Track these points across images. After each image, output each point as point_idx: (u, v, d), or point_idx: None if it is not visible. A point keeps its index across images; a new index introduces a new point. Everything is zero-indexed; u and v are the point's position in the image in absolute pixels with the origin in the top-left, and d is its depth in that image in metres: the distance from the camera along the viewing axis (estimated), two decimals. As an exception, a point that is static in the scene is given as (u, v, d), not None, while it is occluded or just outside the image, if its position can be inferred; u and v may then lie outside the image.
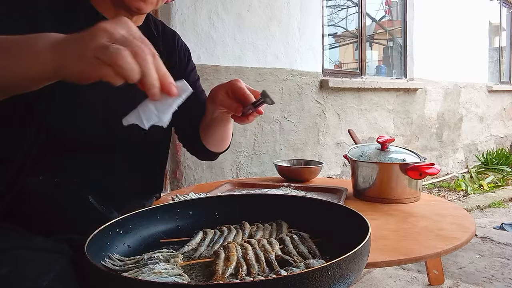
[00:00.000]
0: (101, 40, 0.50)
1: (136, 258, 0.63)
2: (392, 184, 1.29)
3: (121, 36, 0.52)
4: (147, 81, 0.52)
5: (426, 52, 4.55)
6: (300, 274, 0.45)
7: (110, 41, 0.51)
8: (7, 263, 0.67)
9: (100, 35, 0.51)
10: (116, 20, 0.53)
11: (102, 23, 0.53)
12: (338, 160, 3.47)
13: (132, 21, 0.87)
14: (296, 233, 0.70)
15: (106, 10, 0.85)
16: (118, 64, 0.49)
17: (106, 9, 0.85)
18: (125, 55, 0.50)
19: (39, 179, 0.79)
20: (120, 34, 0.52)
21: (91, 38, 0.51)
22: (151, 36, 0.95)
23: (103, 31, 0.51)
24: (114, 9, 0.85)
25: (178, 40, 1.05)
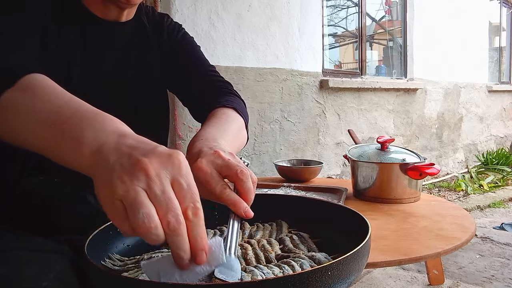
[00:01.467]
0: (137, 189, 0.42)
1: (136, 258, 0.63)
2: (392, 184, 1.29)
3: (160, 191, 0.43)
4: (173, 250, 0.44)
5: (426, 52, 4.54)
6: (300, 274, 0.45)
7: (147, 189, 0.42)
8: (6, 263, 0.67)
9: (139, 178, 0.42)
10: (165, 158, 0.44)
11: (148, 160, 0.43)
12: (338, 160, 3.47)
13: (123, 14, 0.87)
14: (296, 233, 0.70)
15: (95, 7, 0.84)
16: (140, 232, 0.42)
17: (95, 6, 0.84)
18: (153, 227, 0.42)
19: (39, 179, 0.79)
20: (161, 186, 0.43)
21: (129, 176, 0.42)
22: (143, 28, 0.94)
23: (145, 173, 0.42)
24: (102, 5, 0.84)
25: (167, 20, 1.01)
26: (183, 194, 0.44)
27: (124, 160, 0.44)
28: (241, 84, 2.63)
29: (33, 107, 0.54)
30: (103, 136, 0.47)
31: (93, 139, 0.47)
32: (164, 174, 0.44)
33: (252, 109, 2.75)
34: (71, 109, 0.52)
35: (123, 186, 0.42)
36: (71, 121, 0.50)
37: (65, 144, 0.49)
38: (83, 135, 0.48)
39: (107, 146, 0.46)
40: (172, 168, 0.44)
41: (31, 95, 0.55)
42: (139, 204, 0.41)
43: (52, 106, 0.53)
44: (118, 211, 0.42)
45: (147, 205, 0.42)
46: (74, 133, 0.48)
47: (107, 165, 0.44)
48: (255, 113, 2.79)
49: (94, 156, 0.46)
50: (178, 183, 0.44)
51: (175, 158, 0.45)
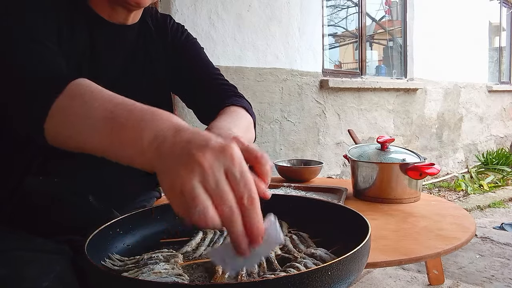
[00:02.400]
0: (192, 180, 0.44)
1: (136, 258, 0.63)
2: (392, 184, 1.29)
3: (215, 183, 0.45)
4: (230, 235, 0.47)
5: (426, 52, 4.55)
6: (300, 274, 0.45)
7: (202, 181, 0.44)
8: (7, 264, 0.67)
9: (195, 171, 0.44)
10: (219, 150, 0.46)
11: (202, 154, 0.45)
12: (338, 160, 3.47)
13: (130, 17, 0.87)
14: (296, 233, 0.70)
15: (102, 10, 0.84)
16: (199, 223, 0.44)
17: (102, 8, 0.84)
18: (210, 218, 0.44)
19: (39, 179, 0.79)
20: (215, 178, 0.45)
21: (186, 169, 0.44)
22: (147, 31, 0.94)
23: (198, 165, 0.44)
24: (109, 7, 0.84)
25: (170, 21, 1.01)
26: (237, 184, 0.46)
27: (180, 153, 0.46)
28: (241, 84, 2.63)
29: (86, 116, 0.54)
30: (160, 135, 0.49)
31: (153, 138, 0.49)
32: (218, 166, 0.45)
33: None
34: (125, 110, 0.53)
35: (180, 180, 0.44)
36: (126, 126, 0.52)
37: (126, 149, 0.51)
38: (143, 136, 0.49)
39: (166, 142, 0.48)
40: (225, 160, 0.46)
41: (82, 103, 0.56)
42: (195, 200, 0.44)
43: (105, 111, 0.54)
44: (180, 201, 0.45)
45: (202, 201, 0.44)
46: (132, 138, 0.50)
47: (165, 161, 0.46)
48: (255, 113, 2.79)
49: (154, 154, 0.48)
50: (232, 173, 0.46)
51: (228, 150, 0.46)
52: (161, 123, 0.50)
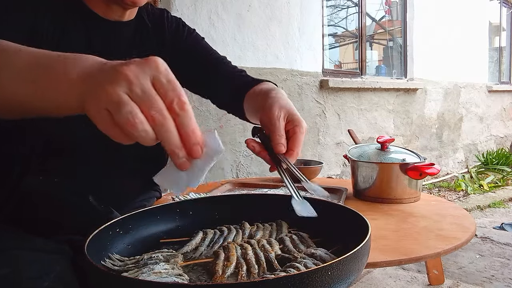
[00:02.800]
0: (117, 91, 0.43)
1: (136, 258, 0.63)
2: (392, 184, 1.29)
3: (141, 90, 0.44)
4: (167, 147, 0.46)
5: (426, 52, 4.55)
6: (300, 274, 0.45)
7: (128, 92, 0.44)
8: (7, 264, 0.67)
9: (120, 83, 0.44)
10: (142, 62, 0.46)
11: (126, 66, 0.45)
12: (338, 160, 3.47)
13: (126, 14, 0.87)
14: (295, 233, 0.70)
15: (97, 7, 0.84)
16: (129, 130, 0.43)
17: (97, 5, 0.84)
18: (139, 122, 0.43)
19: (39, 179, 0.79)
20: (142, 86, 0.44)
21: (110, 83, 0.44)
22: (144, 27, 0.94)
23: (124, 77, 0.44)
24: (104, 5, 0.84)
25: (167, 16, 1.01)
26: (164, 90, 0.45)
27: (106, 72, 0.45)
28: (241, 84, 2.63)
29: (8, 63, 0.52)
30: (88, 67, 0.48)
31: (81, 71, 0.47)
32: (143, 75, 0.45)
33: (252, 109, 2.75)
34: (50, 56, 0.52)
35: (105, 93, 0.43)
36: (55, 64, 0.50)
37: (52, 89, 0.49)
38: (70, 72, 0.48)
39: (93, 71, 0.47)
40: (150, 69, 0.45)
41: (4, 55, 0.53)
42: (122, 104, 0.43)
43: (29, 58, 0.52)
44: (105, 119, 0.44)
45: (129, 104, 0.43)
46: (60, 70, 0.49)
47: (91, 83, 0.45)
48: (255, 113, 2.79)
49: (83, 84, 0.47)
50: (158, 80, 0.45)
51: (152, 60, 0.46)
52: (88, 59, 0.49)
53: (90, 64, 0.48)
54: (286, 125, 0.68)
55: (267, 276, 0.55)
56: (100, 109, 0.44)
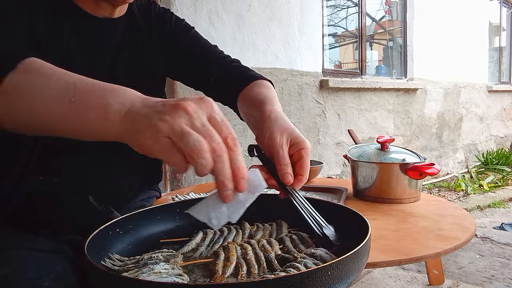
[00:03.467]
0: (181, 123, 0.46)
1: (136, 258, 0.63)
2: (392, 184, 1.29)
3: (201, 124, 0.48)
4: (218, 179, 0.48)
5: (426, 52, 4.55)
6: (300, 274, 0.45)
7: (189, 125, 0.47)
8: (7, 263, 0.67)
9: (181, 115, 0.47)
10: (198, 100, 0.49)
11: (184, 102, 0.48)
12: (338, 160, 3.47)
13: (116, 11, 0.87)
14: (296, 233, 0.70)
15: (86, 5, 0.83)
16: (193, 157, 0.46)
17: (86, 3, 0.83)
18: (204, 150, 0.46)
19: (39, 179, 0.79)
20: (201, 121, 0.48)
21: (170, 116, 0.47)
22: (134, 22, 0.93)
23: (185, 111, 0.47)
24: (94, 3, 0.83)
25: (154, 9, 1.00)
26: (219, 127, 0.49)
27: (160, 107, 0.48)
28: (241, 84, 2.63)
29: (45, 86, 0.53)
30: (128, 101, 0.50)
31: (119, 104, 0.50)
32: (201, 111, 0.49)
33: (252, 109, 2.75)
34: (88, 83, 0.53)
35: (167, 124, 0.46)
36: (92, 93, 0.52)
37: (89, 114, 0.51)
38: (108, 102, 0.50)
39: (135, 107, 0.50)
40: (206, 107, 0.49)
41: (39, 76, 0.55)
42: (188, 133, 0.46)
43: (66, 83, 0.53)
44: (167, 146, 0.47)
45: (195, 133, 0.47)
46: (97, 103, 0.50)
47: (142, 117, 0.48)
48: (255, 113, 2.79)
49: (125, 118, 0.49)
50: (213, 118, 0.49)
51: (207, 100, 0.50)
52: (126, 93, 0.51)
53: (130, 99, 0.51)
54: (290, 149, 0.67)
55: (267, 276, 0.55)
56: (160, 138, 0.46)
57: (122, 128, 0.49)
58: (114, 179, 0.88)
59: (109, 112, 0.49)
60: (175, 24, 1.00)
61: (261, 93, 0.88)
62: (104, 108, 0.50)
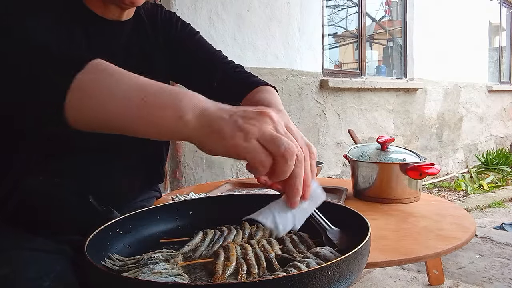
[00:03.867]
0: (269, 127, 0.50)
1: (136, 258, 0.63)
2: (392, 184, 1.29)
3: (284, 132, 0.51)
4: (294, 184, 0.51)
5: (426, 52, 4.54)
6: (300, 274, 0.45)
7: (275, 131, 0.50)
8: (7, 264, 0.67)
9: (266, 121, 0.50)
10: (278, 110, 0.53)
11: (267, 111, 0.52)
12: (338, 160, 3.47)
13: (124, 14, 0.87)
14: (295, 233, 0.70)
15: (95, 7, 0.84)
16: (286, 158, 0.49)
17: (96, 5, 0.84)
18: (295, 153, 0.49)
19: (39, 179, 0.79)
20: (283, 128, 0.51)
21: (257, 120, 0.50)
22: (142, 25, 0.94)
23: (269, 118, 0.51)
24: (103, 5, 0.84)
25: (161, 12, 1.00)
26: (296, 136, 0.53)
27: (243, 113, 0.51)
28: (241, 84, 2.63)
29: (116, 85, 0.54)
30: (201, 103, 0.52)
31: (193, 105, 0.51)
32: (281, 120, 0.52)
33: (252, 109, 2.75)
34: (157, 84, 0.54)
35: (256, 128, 0.49)
36: (164, 93, 0.53)
37: (162, 113, 0.51)
38: (181, 103, 0.51)
39: (211, 109, 0.51)
40: (283, 117, 0.53)
41: (109, 75, 0.55)
42: (279, 137, 0.49)
43: (136, 83, 0.54)
44: (258, 148, 0.49)
45: (284, 137, 0.50)
46: (170, 102, 0.52)
47: (224, 119, 0.50)
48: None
49: (200, 119, 0.51)
50: (290, 128, 0.53)
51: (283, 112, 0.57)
52: (198, 96, 0.53)
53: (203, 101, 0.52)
54: None
55: (267, 276, 0.55)
56: (250, 139, 0.49)
57: (195, 128, 0.51)
58: (114, 179, 0.88)
59: (183, 112, 0.51)
60: (181, 27, 1.01)
61: (265, 98, 0.90)
62: (178, 108, 0.51)
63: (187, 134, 0.51)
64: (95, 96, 0.54)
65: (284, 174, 0.50)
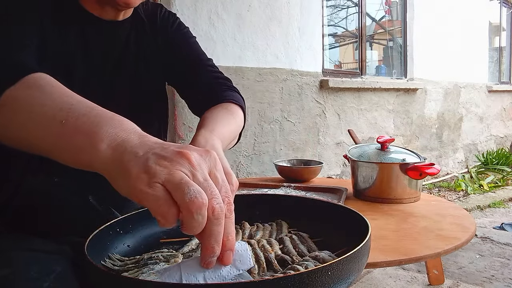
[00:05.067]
0: (181, 172, 0.42)
1: (136, 258, 0.63)
2: (392, 184, 1.29)
3: (203, 178, 0.43)
4: (209, 242, 0.43)
5: (426, 52, 4.54)
6: (299, 274, 0.45)
7: (190, 176, 0.42)
8: (7, 264, 0.67)
9: (182, 164, 0.42)
10: (203, 151, 0.45)
11: (188, 150, 0.44)
12: (338, 160, 3.47)
13: (120, 15, 0.87)
14: (296, 233, 0.70)
15: (92, 8, 0.83)
16: (191, 211, 0.41)
17: (92, 6, 0.83)
18: (205, 205, 0.41)
19: (40, 179, 0.79)
20: (203, 174, 0.43)
21: (171, 161, 0.42)
22: (140, 25, 0.93)
23: (187, 160, 0.43)
24: (99, 6, 0.83)
25: (160, 12, 0.99)
26: (219, 186, 0.44)
27: (159, 151, 0.44)
28: (241, 84, 2.63)
29: (40, 103, 0.51)
30: (123, 133, 0.46)
31: (113, 134, 0.46)
32: (204, 164, 0.44)
33: (252, 109, 2.75)
34: (85, 107, 0.50)
35: (165, 170, 0.42)
36: (86, 118, 0.48)
37: (77, 139, 0.47)
38: (100, 130, 0.46)
39: (130, 142, 0.45)
40: (210, 161, 0.45)
41: (38, 93, 0.53)
42: (188, 183, 0.41)
43: (63, 104, 0.51)
44: (161, 194, 0.41)
45: (195, 185, 0.41)
46: (89, 128, 0.47)
47: (136, 156, 0.43)
48: (255, 113, 2.79)
49: (115, 151, 0.45)
50: (215, 176, 0.45)
51: (212, 153, 0.46)
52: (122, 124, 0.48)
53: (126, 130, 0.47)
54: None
55: (267, 276, 0.55)
56: (154, 183, 0.41)
57: (107, 160, 0.45)
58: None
59: (98, 140, 0.46)
60: (176, 28, 1.00)
61: (210, 117, 0.79)
62: (94, 134, 0.46)
63: (100, 166, 0.46)
64: (18, 113, 0.52)
65: (192, 229, 0.42)
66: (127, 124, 0.49)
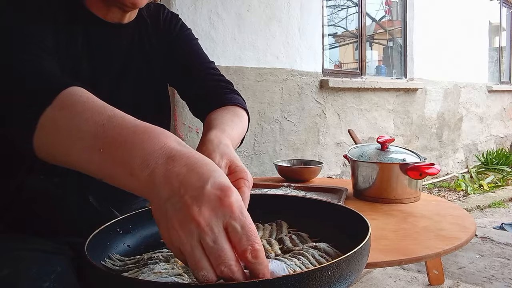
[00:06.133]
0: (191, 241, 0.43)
1: (136, 258, 0.63)
2: (392, 184, 1.29)
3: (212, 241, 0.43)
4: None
5: (426, 52, 4.55)
6: (300, 274, 0.45)
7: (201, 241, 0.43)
8: (7, 264, 0.67)
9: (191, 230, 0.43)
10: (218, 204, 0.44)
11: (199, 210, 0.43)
12: (338, 160, 3.47)
13: (126, 16, 0.87)
14: (295, 233, 0.70)
15: (98, 9, 0.83)
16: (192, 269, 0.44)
17: (98, 8, 0.83)
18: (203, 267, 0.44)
19: (39, 179, 0.79)
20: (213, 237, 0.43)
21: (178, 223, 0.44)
22: (144, 27, 0.93)
23: (196, 224, 0.43)
24: (105, 7, 0.83)
25: (163, 13, 0.99)
26: (238, 238, 0.44)
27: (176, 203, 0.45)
28: (241, 84, 2.63)
29: (77, 128, 0.51)
30: (152, 160, 0.47)
31: (142, 162, 0.47)
32: (215, 222, 0.44)
33: (252, 109, 2.75)
34: (116, 126, 0.50)
35: (179, 238, 0.44)
36: (118, 143, 0.49)
37: (116, 170, 0.49)
38: (132, 159, 0.47)
39: (157, 173, 0.46)
40: (224, 213, 0.44)
41: (72, 114, 0.53)
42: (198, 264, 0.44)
43: (95, 125, 0.51)
44: (178, 253, 0.46)
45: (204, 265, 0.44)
46: (123, 157, 0.48)
47: (160, 202, 0.46)
48: (255, 113, 2.79)
49: (147, 182, 0.46)
50: (232, 227, 0.44)
51: (227, 203, 0.44)
52: (151, 144, 0.48)
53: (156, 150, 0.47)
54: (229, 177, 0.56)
55: (267, 276, 0.55)
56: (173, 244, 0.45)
57: (145, 191, 0.47)
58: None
59: (132, 172, 0.47)
60: (179, 30, 1.00)
61: (219, 118, 0.80)
62: (128, 166, 0.47)
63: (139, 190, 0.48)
64: (58, 136, 0.53)
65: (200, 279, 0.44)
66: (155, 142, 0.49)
